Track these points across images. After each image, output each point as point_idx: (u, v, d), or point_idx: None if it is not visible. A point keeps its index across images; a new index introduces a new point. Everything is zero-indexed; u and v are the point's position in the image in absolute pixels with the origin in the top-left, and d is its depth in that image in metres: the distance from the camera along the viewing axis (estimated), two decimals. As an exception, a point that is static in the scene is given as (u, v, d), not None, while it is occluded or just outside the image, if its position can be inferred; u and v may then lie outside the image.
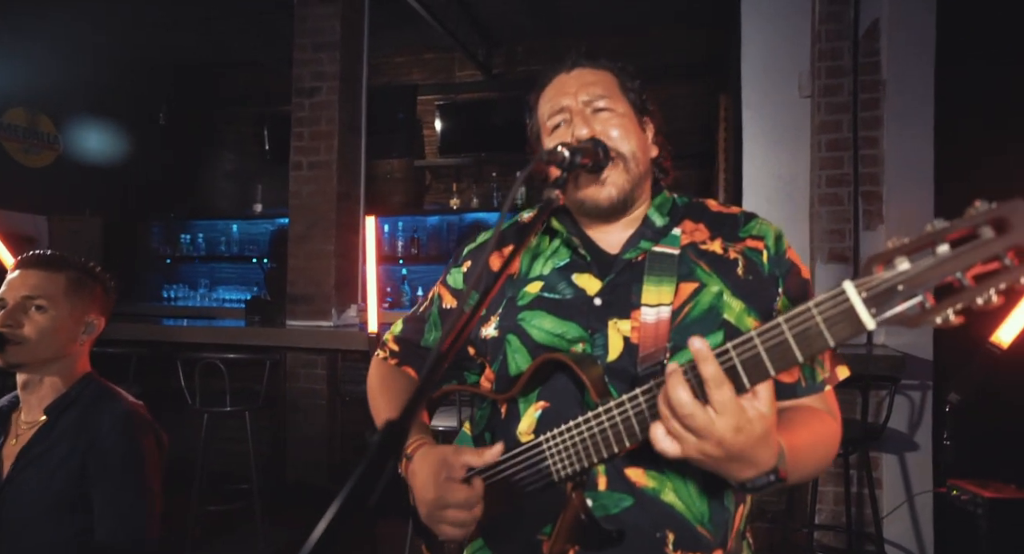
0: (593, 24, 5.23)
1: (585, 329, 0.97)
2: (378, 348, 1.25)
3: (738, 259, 0.99)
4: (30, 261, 1.36)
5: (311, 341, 3.48)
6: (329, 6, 3.71)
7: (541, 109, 1.07)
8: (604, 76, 1.04)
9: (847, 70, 3.01)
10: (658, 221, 1.03)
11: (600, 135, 0.98)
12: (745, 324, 0.95)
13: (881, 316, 0.65)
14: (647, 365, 0.92)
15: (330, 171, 3.70)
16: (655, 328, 0.93)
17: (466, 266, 1.15)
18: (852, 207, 3.03)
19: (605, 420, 0.84)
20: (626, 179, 0.99)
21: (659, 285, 0.96)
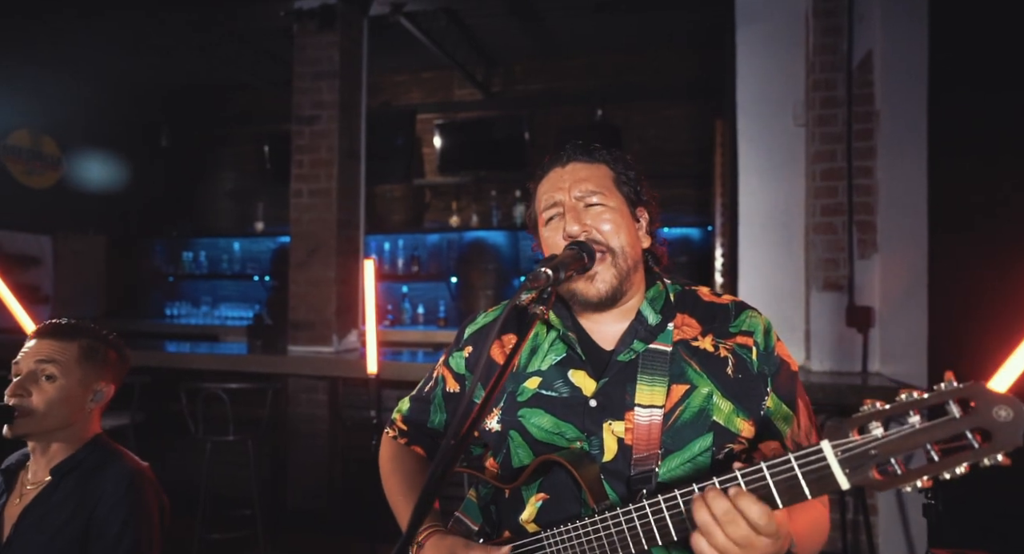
0: (589, 45, 5.28)
1: (581, 431, 1.00)
2: (388, 425, 1.29)
3: (728, 358, 1.02)
4: (44, 331, 1.39)
5: (312, 368, 3.51)
6: (328, 35, 3.75)
7: (538, 199, 1.10)
8: (598, 170, 1.07)
9: (841, 101, 3.04)
10: (651, 318, 1.05)
11: (591, 230, 1.01)
12: (734, 425, 0.98)
13: (855, 478, 0.70)
14: (640, 469, 0.96)
15: (330, 198, 3.74)
16: (647, 431, 0.96)
17: (467, 351, 1.17)
18: (847, 236, 3.06)
19: (601, 528, 0.89)
20: (614, 274, 1.02)
21: (652, 385, 0.99)
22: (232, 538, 3.40)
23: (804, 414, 1.04)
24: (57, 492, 1.34)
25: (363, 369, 3.46)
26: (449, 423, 1.19)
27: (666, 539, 0.84)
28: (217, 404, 3.17)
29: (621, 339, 1.04)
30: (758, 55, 3.35)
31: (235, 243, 6.40)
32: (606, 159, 1.09)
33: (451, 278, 5.49)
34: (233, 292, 6.42)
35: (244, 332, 5.31)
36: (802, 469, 0.73)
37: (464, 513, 1.18)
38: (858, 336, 3.02)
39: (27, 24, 4.56)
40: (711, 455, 0.97)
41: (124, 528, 1.30)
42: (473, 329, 1.20)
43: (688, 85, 5.18)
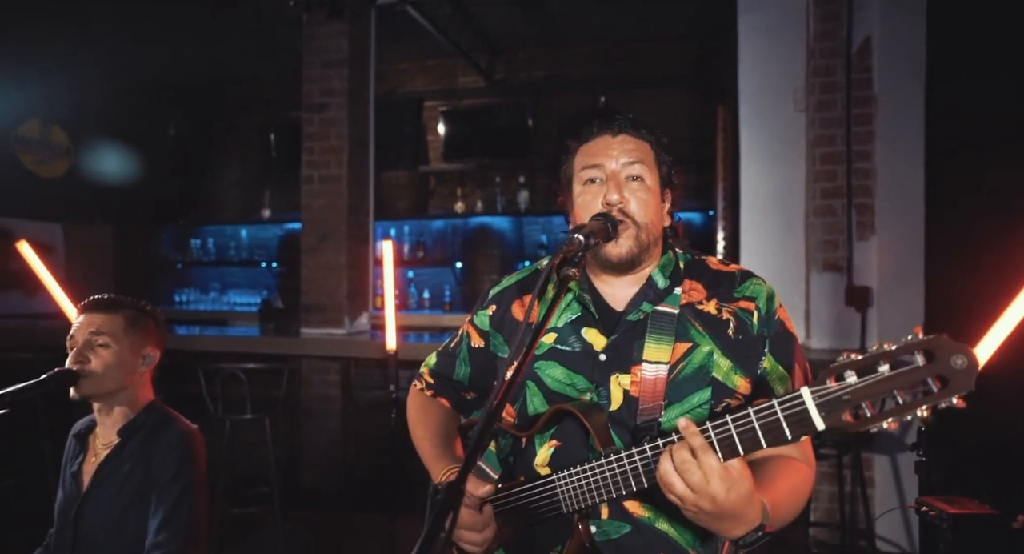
0: (591, 33, 5.34)
1: (591, 381, 1.10)
2: (416, 379, 1.39)
3: (730, 320, 1.11)
4: (91, 305, 1.52)
5: (325, 349, 3.61)
6: (336, 24, 3.81)
7: (578, 159, 1.17)
8: (644, 147, 1.14)
9: (840, 86, 3.12)
10: (660, 282, 1.14)
11: (626, 202, 1.10)
12: (732, 381, 1.08)
13: (830, 419, 0.80)
14: (644, 418, 1.06)
15: (340, 184, 3.82)
16: (653, 384, 1.06)
17: (491, 309, 1.27)
18: (846, 218, 3.15)
19: (606, 469, 0.99)
20: (634, 243, 1.10)
21: (659, 343, 1.08)
22: (250, 513, 3.52)
23: (800, 377, 1.13)
24: (124, 451, 1.48)
25: (375, 350, 3.57)
26: (476, 376, 1.28)
27: (652, 482, 0.95)
28: (234, 385, 3.27)
29: (632, 301, 1.13)
30: (759, 42, 3.42)
31: (242, 230, 6.48)
32: (650, 139, 1.16)
33: (456, 263, 5.58)
34: (241, 278, 6.51)
35: (252, 317, 5.42)
36: (784, 412, 0.83)
37: (485, 462, 1.28)
38: (856, 315, 3.12)
39: (36, 14, 4.61)
40: (709, 407, 1.07)
41: (177, 474, 1.44)
42: (497, 290, 1.29)
43: (689, 72, 5.25)
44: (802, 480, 1.05)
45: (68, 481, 1.52)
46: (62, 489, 1.53)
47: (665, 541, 1.04)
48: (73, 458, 1.54)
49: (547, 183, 5.61)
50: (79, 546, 1.46)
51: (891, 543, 2.95)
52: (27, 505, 3.65)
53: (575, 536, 1.03)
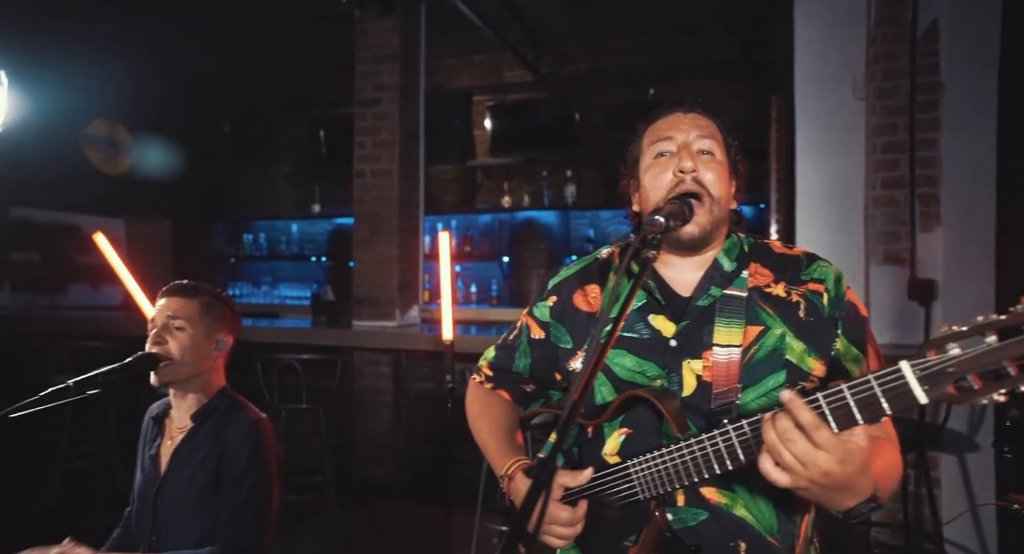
0: (635, 24, 5.28)
1: (662, 368, 1.09)
2: (475, 372, 1.39)
3: (800, 302, 1.08)
4: (170, 290, 1.58)
5: (377, 341, 3.68)
6: (388, 20, 3.86)
7: (648, 136, 1.17)
8: (713, 126, 1.14)
9: (904, 72, 3.01)
10: (726, 265, 1.12)
11: (697, 173, 1.08)
12: (806, 364, 1.06)
13: (933, 393, 0.76)
14: (720, 402, 1.04)
15: (392, 178, 3.88)
16: (726, 368, 1.04)
17: (551, 300, 1.26)
18: (908, 209, 3.04)
19: (687, 452, 0.97)
20: (708, 220, 1.09)
21: (729, 327, 1.07)
22: (304, 502, 3.61)
23: (874, 358, 1.10)
24: (198, 435, 1.54)
25: (426, 342, 3.61)
26: (536, 367, 1.28)
27: (735, 463, 0.92)
28: (289, 375, 3.35)
29: (699, 286, 1.12)
30: (816, 29, 3.33)
31: (293, 225, 6.63)
32: (719, 122, 1.16)
33: (503, 258, 5.60)
34: (291, 272, 6.67)
35: (303, 310, 5.55)
36: (881, 387, 0.79)
37: (545, 453, 1.27)
38: (920, 309, 3.01)
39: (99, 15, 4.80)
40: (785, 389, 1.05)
41: (248, 465, 1.48)
42: (556, 281, 1.28)
43: (737, 62, 5.14)
44: (895, 459, 1.03)
45: (147, 463, 1.57)
46: (141, 471, 1.59)
47: (743, 527, 1.03)
48: (151, 441, 1.60)
49: (594, 177, 5.59)
50: (159, 526, 1.52)
51: (960, 547, 2.84)
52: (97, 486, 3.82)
53: (652, 523, 1.02)
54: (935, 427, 2.62)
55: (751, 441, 0.91)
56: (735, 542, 1.03)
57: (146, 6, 4.63)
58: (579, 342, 1.18)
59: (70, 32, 4.92)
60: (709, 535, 1.02)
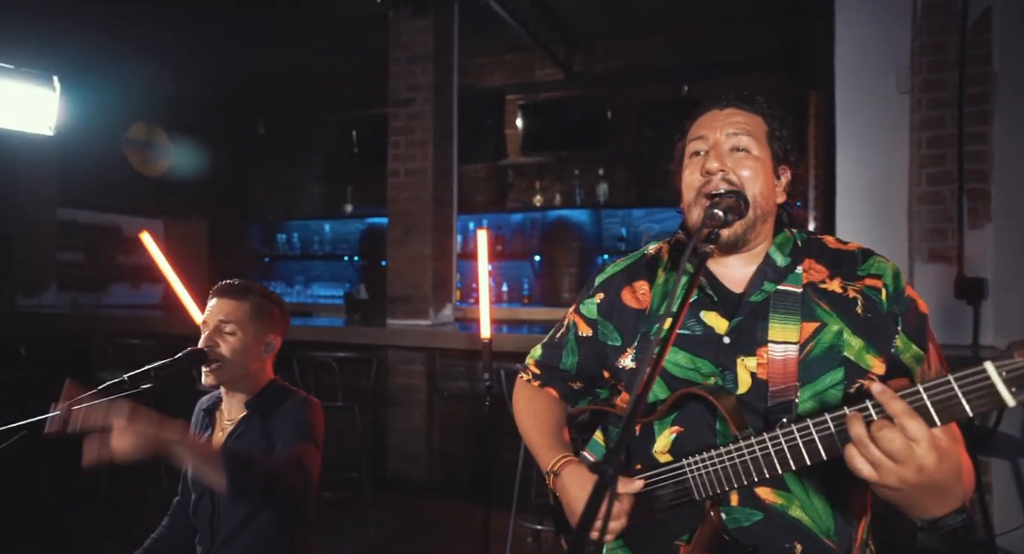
0: (668, 20, 5.23)
1: (716, 365, 1.06)
2: (522, 371, 1.38)
3: (857, 298, 1.05)
4: (221, 290, 1.60)
5: (411, 340, 3.70)
6: (421, 20, 3.88)
7: (688, 135, 1.15)
8: (753, 120, 1.10)
9: (952, 64, 2.92)
10: (779, 260, 1.09)
11: (729, 172, 1.06)
12: (865, 361, 1.02)
13: (1021, 396, 0.72)
14: (777, 400, 1.01)
15: (425, 177, 3.89)
16: (783, 365, 1.02)
17: (599, 297, 1.24)
18: (956, 205, 2.95)
19: (747, 452, 0.95)
20: (740, 222, 1.05)
21: (784, 323, 1.04)
22: (339, 498, 3.65)
23: (935, 356, 1.06)
24: (250, 423, 1.56)
25: (461, 341, 3.62)
26: (584, 365, 1.26)
27: (814, 459, 0.89)
28: (325, 373, 3.39)
29: (751, 281, 1.09)
30: (858, 22, 3.25)
31: (326, 225, 6.72)
32: (764, 112, 1.11)
33: (535, 257, 5.59)
34: (324, 272, 6.75)
35: (335, 309, 5.61)
36: (963, 388, 0.75)
37: (589, 451, 1.26)
38: (968, 308, 2.92)
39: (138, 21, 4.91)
40: (843, 388, 1.02)
41: (296, 425, 1.50)
42: (603, 278, 1.26)
43: (773, 57, 5.06)
44: (971, 464, 0.98)
45: None
46: None
47: (798, 529, 1.00)
48: (202, 431, 1.63)
49: (626, 175, 5.54)
50: (219, 511, 1.55)
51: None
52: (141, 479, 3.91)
53: (707, 523, 1.00)
54: (985, 430, 2.53)
55: (817, 441, 0.88)
56: (791, 543, 1.00)
57: (183, 10, 4.72)
58: (628, 339, 1.17)
59: (111, 38, 5.04)
60: (764, 536, 1.00)
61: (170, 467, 3.87)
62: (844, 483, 1.03)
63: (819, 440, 0.89)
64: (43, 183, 4.98)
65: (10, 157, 4.56)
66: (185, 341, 1.49)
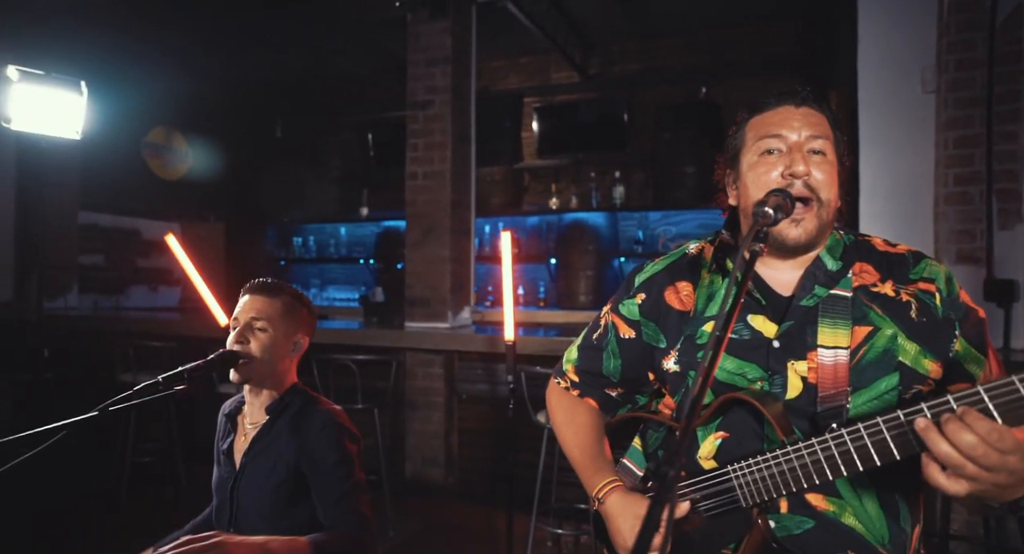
0: (685, 21, 5.20)
1: (765, 369, 1.04)
2: (557, 375, 1.34)
3: (911, 302, 1.03)
4: (254, 288, 1.59)
5: (430, 342, 3.69)
6: (440, 23, 3.88)
7: (753, 129, 1.09)
8: (825, 122, 1.07)
9: (980, 61, 2.87)
10: (830, 264, 1.07)
11: (809, 177, 1.02)
12: (922, 366, 1.00)
13: None
14: (828, 406, 0.99)
15: (444, 180, 3.89)
16: (833, 370, 0.99)
17: (640, 298, 1.21)
18: (984, 206, 2.90)
19: (795, 457, 0.93)
20: (816, 224, 1.03)
21: (834, 328, 1.02)
22: (359, 500, 3.64)
23: (995, 361, 1.04)
24: (274, 429, 1.55)
25: (479, 343, 3.61)
26: (628, 368, 1.23)
27: (867, 464, 0.87)
28: (343, 375, 3.39)
29: (801, 285, 1.06)
30: (882, 21, 3.22)
31: (341, 228, 6.73)
32: (829, 115, 1.09)
33: (550, 260, 5.57)
34: (340, 275, 6.77)
35: (351, 312, 5.62)
36: None
37: (630, 459, 1.24)
38: (998, 311, 2.87)
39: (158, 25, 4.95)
40: (898, 394, 1.00)
41: (339, 460, 1.48)
42: (644, 277, 1.23)
43: (790, 59, 5.02)
44: None
45: (223, 459, 1.59)
46: (218, 467, 1.61)
47: (851, 538, 0.98)
48: (224, 437, 1.62)
49: (643, 178, 5.52)
50: (237, 520, 1.54)
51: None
52: (160, 481, 3.93)
53: (754, 532, 0.98)
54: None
55: (869, 447, 0.86)
56: (844, 552, 0.98)
57: (204, 13, 4.75)
58: (672, 341, 1.14)
59: (133, 42, 5.09)
60: (815, 544, 0.98)
61: (190, 470, 3.87)
62: (898, 489, 1.01)
63: (855, 450, 0.88)
64: (67, 187, 5.04)
65: (36, 162, 4.61)
66: (205, 343, 1.48)
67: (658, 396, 1.25)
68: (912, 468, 0.98)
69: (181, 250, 2.99)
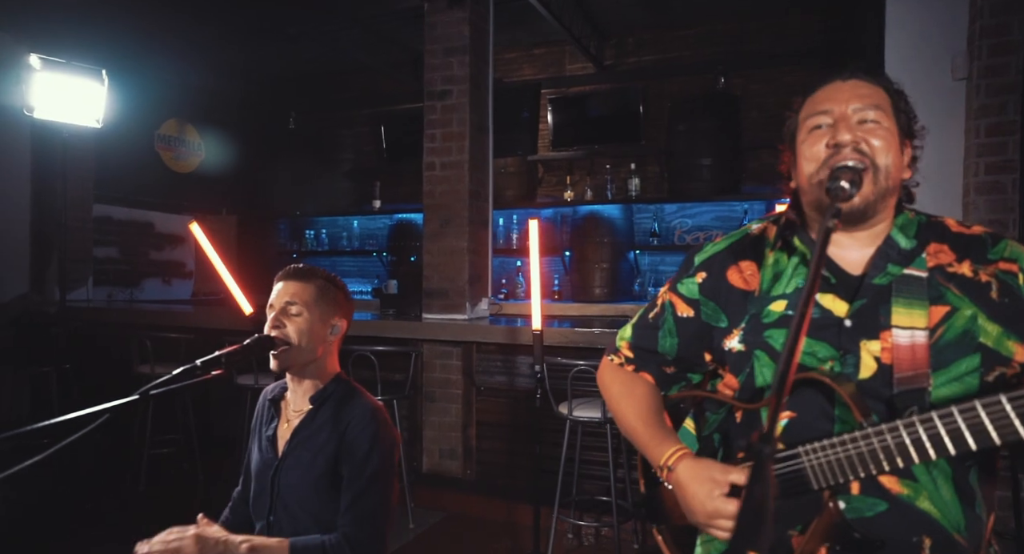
0: (703, 13, 5.15)
1: (836, 349, 1.01)
2: (610, 352, 1.32)
3: (991, 282, 0.99)
4: (288, 273, 1.58)
5: (449, 333, 3.66)
6: (458, 12, 3.84)
7: (804, 110, 1.09)
8: (878, 92, 1.05)
9: (1016, 46, 2.81)
10: (903, 242, 1.03)
11: (860, 142, 1.00)
12: (1005, 348, 0.96)
13: None
14: (905, 387, 0.96)
15: (462, 170, 3.86)
16: (911, 351, 0.96)
17: (700, 277, 1.18)
18: (1017, 195, 2.85)
19: (876, 440, 0.89)
20: (872, 190, 1.00)
21: (909, 308, 0.98)
22: (377, 492, 3.62)
23: None
24: (316, 418, 1.53)
25: (499, 335, 3.58)
26: (684, 347, 1.20)
27: (961, 448, 0.84)
28: (362, 366, 3.36)
29: (872, 264, 1.03)
30: (912, 7, 3.16)
31: (354, 221, 6.71)
32: (886, 85, 1.07)
33: (564, 252, 5.53)
34: (352, 268, 6.75)
35: (365, 305, 5.58)
36: None
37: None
38: (1030, 302, 2.82)
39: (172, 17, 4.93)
40: (979, 376, 0.96)
41: (369, 452, 1.47)
42: (705, 256, 1.20)
43: (811, 48, 4.96)
44: None
45: (264, 444, 1.58)
46: (259, 452, 1.59)
47: (927, 522, 0.94)
48: (268, 422, 1.61)
49: (658, 170, 5.47)
50: (276, 507, 1.52)
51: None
52: (179, 473, 3.92)
53: (824, 514, 0.94)
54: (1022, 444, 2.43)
55: (961, 430, 0.82)
56: (919, 537, 0.94)
57: (218, 5, 4.73)
58: (734, 321, 1.11)
59: (149, 34, 5.07)
60: (889, 528, 0.94)
61: (206, 465, 3.85)
62: (973, 475, 0.98)
63: (946, 434, 0.84)
64: (82, 180, 5.03)
65: (52, 155, 4.60)
66: (221, 334, 1.47)
67: (712, 377, 1.22)
68: (987, 454, 0.95)
69: (205, 238, 2.97)
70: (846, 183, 0.92)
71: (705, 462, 1.05)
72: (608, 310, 4.84)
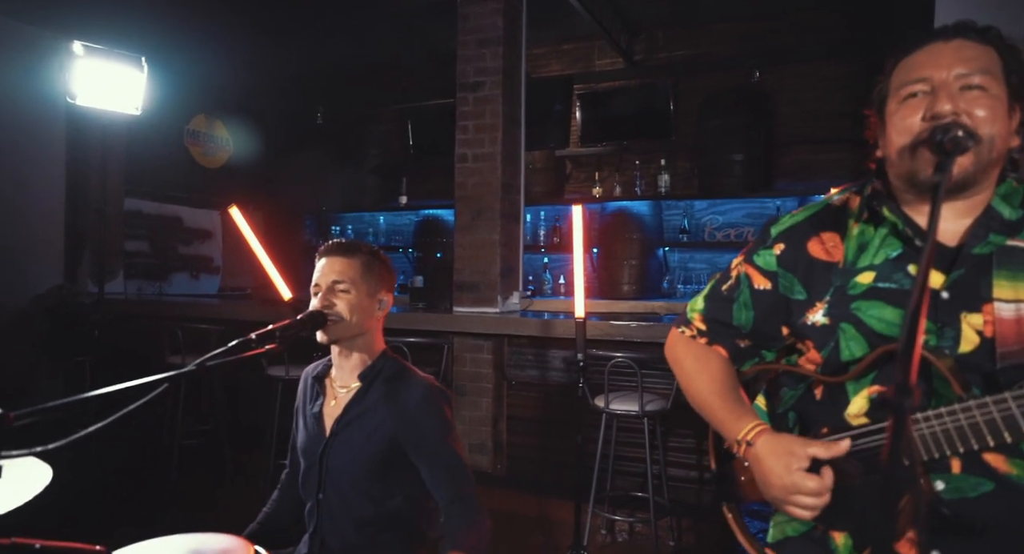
0: (733, 7, 5.07)
1: (934, 322, 0.95)
2: (680, 325, 1.27)
3: None
4: (331, 249, 1.55)
5: (480, 327, 3.63)
6: (492, 3, 3.82)
7: (897, 74, 1.01)
8: (987, 53, 0.97)
9: (1069, 35, 2.72)
10: (1007, 213, 0.97)
11: (961, 114, 0.93)
12: None
13: None
14: (1009, 361, 0.90)
15: (494, 163, 3.82)
16: (1016, 325, 0.90)
17: (778, 248, 1.13)
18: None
19: (979, 414, 0.84)
20: (972, 161, 0.93)
21: (1013, 281, 0.92)
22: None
23: None
24: (368, 395, 1.51)
25: (532, 328, 3.54)
26: (761, 320, 1.15)
27: None
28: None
29: (972, 233, 0.97)
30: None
31: (380, 217, 6.71)
32: (997, 44, 0.98)
33: (592, 249, 5.48)
34: (378, 264, 6.73)
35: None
36: None
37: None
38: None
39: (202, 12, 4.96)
40: None
41: (443, 433, 1.46)
42: (782, 228, 1.15)
43: (847, 43, 4.87)
44: None
45: (311, 422, 1.55)
46: (305, 430, 1.57)
47: None
48: (313, 400, 1.58)
49: (688, 166, 5.41)
50: (326, 484, 1.50)
51: None
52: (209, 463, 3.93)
53: (914, 492, 0.89)
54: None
55: None
56: None
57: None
58: (816, 294, 1.06)
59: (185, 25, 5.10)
60: (993, 511, 0.88)
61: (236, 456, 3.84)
62: None
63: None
64: (113, 174, 5.08)
65: (89, 145, 4.65)
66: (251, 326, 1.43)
67: (788, 353, 1.17)
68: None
69: (245, 222, 2.97)
70: (961, 132, 0.87)
71: (785, 436, 1.00)
72: (637, 307, 4.78)
